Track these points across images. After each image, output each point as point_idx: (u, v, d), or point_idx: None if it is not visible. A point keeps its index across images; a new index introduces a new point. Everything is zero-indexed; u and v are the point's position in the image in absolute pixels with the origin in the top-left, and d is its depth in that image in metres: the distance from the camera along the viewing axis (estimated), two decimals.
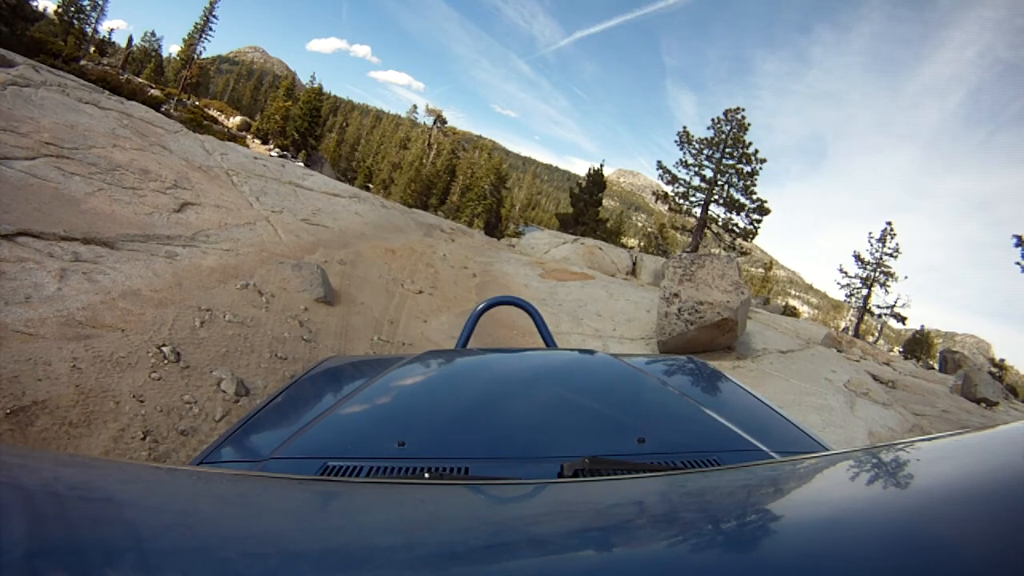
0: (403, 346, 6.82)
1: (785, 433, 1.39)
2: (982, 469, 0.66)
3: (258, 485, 0.77)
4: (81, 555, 0.43)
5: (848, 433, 6.97)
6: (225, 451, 1.20)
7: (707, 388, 1.84)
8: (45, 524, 0.47)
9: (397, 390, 1.57)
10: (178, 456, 3.65)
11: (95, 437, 3.53)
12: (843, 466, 0.77)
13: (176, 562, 0.44)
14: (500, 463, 1.08)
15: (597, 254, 19.39)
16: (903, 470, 0.72)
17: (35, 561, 0.41)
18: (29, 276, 4.73)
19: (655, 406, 1.52)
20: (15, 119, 7.49)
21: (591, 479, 0.91)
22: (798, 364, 9.99)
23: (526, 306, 2.86)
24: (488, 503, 0.71)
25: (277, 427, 1.35)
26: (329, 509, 0.66)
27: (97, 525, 0.50)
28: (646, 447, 1.18)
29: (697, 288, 8.87)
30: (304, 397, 1.58)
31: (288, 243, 8.60)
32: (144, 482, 0.72)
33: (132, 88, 27.93)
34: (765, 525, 0.56)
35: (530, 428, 1.29)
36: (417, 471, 1.02)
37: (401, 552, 0.49)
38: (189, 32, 46.47)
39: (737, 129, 29.84)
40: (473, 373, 1.81)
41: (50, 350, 4.01)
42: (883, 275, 36.24)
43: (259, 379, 4.76)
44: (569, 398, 1.50)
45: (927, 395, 12.21)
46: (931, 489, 0.61)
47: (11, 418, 3.38)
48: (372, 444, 1.19)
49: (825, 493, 0.68)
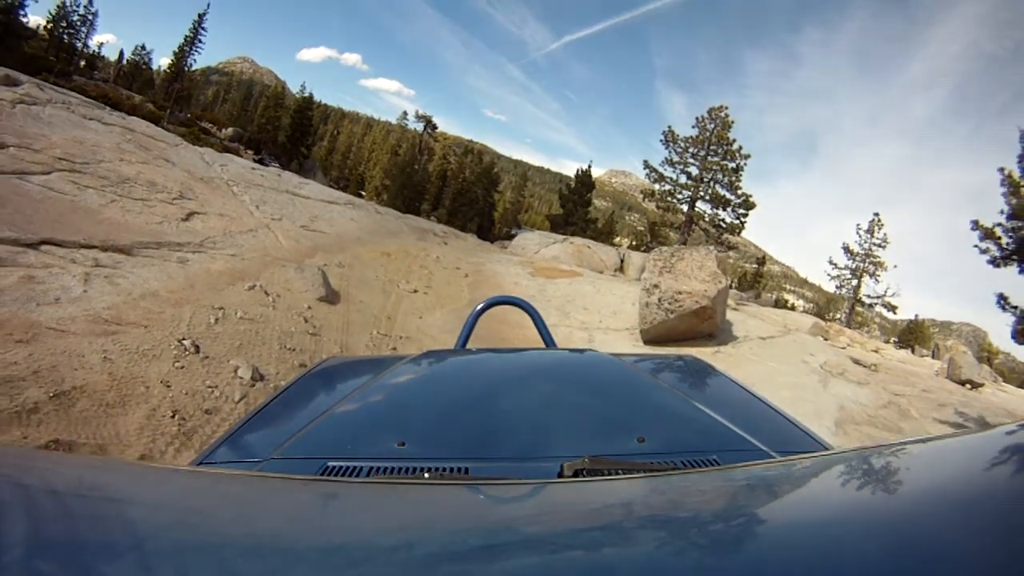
0: (400, 339, 7.31)
1: (785, 432, 1.39)
2: (983, 469, 0.67)
3: (258, 485, 0.79)
4: (81, 555, 0.44)
5: (817, 407, 7.50)
6: (225, 451, 1.21)
7: (707, 387, 1.86)
8: (45, 524, 0.48)
9: (397, 390, 1.59)
10: (204, 430, 4.13)
11: (130, 416, 3.99)
12: (843, 466, 0.77)
13: (176, 562, 0.45)
14: (500, 463, 1.08)
15: (586, 252, 19.95)
16: (904, 470, 0.73)
17: (35, 561, 0.42)
18: (56, 280, 5.21)
19: (655, 405, 1.51)
20: (28, 136, 7.96)
21: (591, 479, 0.91)
22: (777, 349, 10.51)
23: (525, 306, 2.82)
24: (488, 503, 0.72)
25: (277, 427, 1.36)
26: (329, 509, 0.67)
27: (97, 525, 0.51)
28: (646, 447, 1.18)
29: (676, 279, 9.40)
30: (304, 397, 1.59)
31: (289, 248, 9.10)
32: (144, 482, 0.73)
33: (132, 104, 28.30)
34: (766, 525, 0.57)
35: (530, 428, 1.29)
36: (417, 471, 1.03)
37: (401, 552, 0.50)
38: (179, 45, 46.92)
39: (721, 127, 30.50)
40: (473, 373, 1.82)
41: (82, 344, 4.47)
42: (872, 266, 36.54)
43: (271, 367, 5.25)
44: (569, 398, 1.52)
45: (910, 377, 12.74)
46: (932, 489, 0.62)
47: (54, 400, 3.84)
48: (372, 444, 1.19)
49: (825, 493, 0.68)
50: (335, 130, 71.05)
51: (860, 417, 7.91)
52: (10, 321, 4.40)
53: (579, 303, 11.18)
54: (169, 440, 3.91)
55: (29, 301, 4.75)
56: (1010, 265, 8.04)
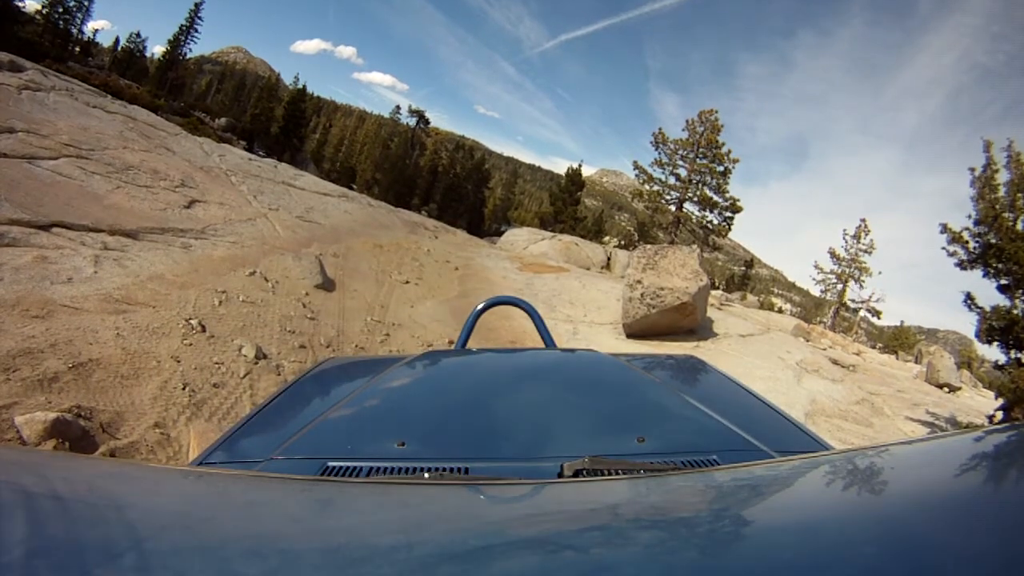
0: (393, 326, 7.63)
1: (785, 432, 1.39)
2: (984, 469, 0.68)
3: (258, 485, 0.79)
4: (81, 555, 0.44)
5: (789, 399, 7.91)
6: (225, 451, 1.21)
7: (707, 387, 1.86)
8: (45, 524, 0.48)
9: (397, 390, 1.59)
10: (212, 402, 4.44)
11: (143, 387, 4.29)
12: (843, 466, 0.77)
13: (176, 562, 0.45)
14: (500, 463, 1.08)
15: (573, 249, 20.32)
16: (904, 470, 0.73)
17: (35, 561, 0.42)
18: (68, 261, 5.49)
19: (654, 405, 1.51)
20: (35, 122, 8.20)
21: (591, 479, 0.92)
22: (755, 346, 10.94)
23: (525, 306, 2.80)
24: (488, 503, 0.72)
25: (277, 427, 1.35)
26: (329, 509, 0.68)
27: (97, 525, 0.52)
28: (646, 447, 1.18)
29: (659, 275, 9.78)
30: (304, 397, 1.59)
31: (286, 238, 9.40)
32: (144, 482, 0.74)
33: (133, 93, 28.29)
34: (765, 525, 0.57)
35: (530, 428, 1.30)
36: (417, 471, 1.02)
37: (401, 552, 0.50)
38: (174, 33, 46.84)
39: (710, 130, 30.91)
40: (472, 373, 1.82)
41: (95, 321, 4.76)
42: (857, 271, 36.85)
43: (273, 347, 5.57)
44: (568, 398, 1.52)
45: (887, 378, 13.25)
46: (932, 489, 0.62)
47: (73, 371, 4.12)
48: (372, 444, 1.19)
49: (825, 493, 0.69)
50: (328, 122, 70.94)
51: (832, 411, 8.32)
52: (26, 298, 4.67)
53: (565, 297, 11.56)
54: (180, 410, 4.21)
55: (43, 280, 5.02)
56: (976, 268, 8.41)
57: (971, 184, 8.41)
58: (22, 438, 3.33)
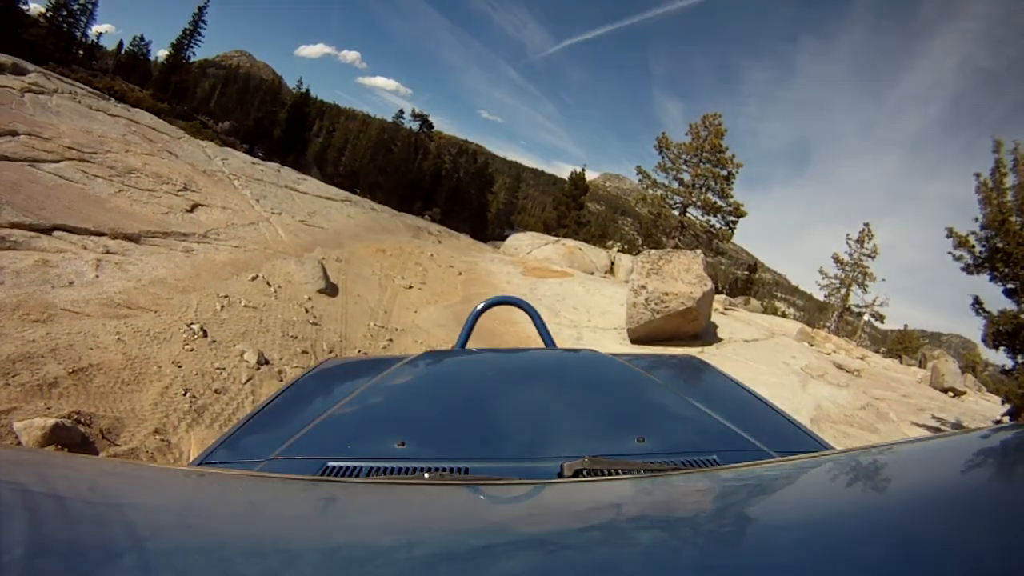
0: (396, 331, 7.59)
1: (785, 432, 1.39)
2: (984, 469, 0.68)
3: (258, 485, 0.79)
4: (81, 555, 0.44)
5: (794, 404, 7.84)
6: (225, 451, 1.20)
7: (707, 387, 1.85)
8: (45, 524, 0.48)
9: (397, 390, 1.59)
10: (214, 408, 4.39)
11: (144, 392, 4.25)
12: (843, 466, 0.77)
13: (176, 562, 0.45)
14: (500, 463, 1.08)
15: (577, 254, 20.26)
16: (904, 469, 0.73)
17: (35, 561, 0.42)
18: (70, 265, 5.46)
19: (654, 405, 1.51)
20: (38, 125, 8.19)
21: (591, 479, 0.92)
22: (759, 351, 10.87)
23: (525, 306, 2.78)
24: (488, 503, 0.72)
25: (277, 427, 1.35)
26: (329, 509, 0.68)
27: (97, 525, 0.52)
28: (646, 447, 1.18)
29: (663, 280, 9.73)
30: (304, 397, 1.59)
31: (288, 242, 9.37)
32: (145, 482, 0.74)
33: (136, 97, 28.41)
34: (765, 525, 0.58)
35: (530, 428, 1.29)
36: (417, 471, 1.03)
37: (401, 552, 0.50)
38: (177, 37, 47.01)
39: (714, 135, 30.80)
40: (472, 373, 1.82)
41: (96, 325, 4.72)
42: (861, 275, 36.75)
43: (275, 353, 5.52)
44: (568, 398, 1.52)
45: (892, 383, 13.15)
46: (932, 488, 0.62)
47: (73, 376, 4.08)
48: (372, 444, 1.19)
49: (825, 493, 0.69)
50: (331, 126, 71.06)
51: (837, 416, 8.25)
52: (27, 302, 4.64)
53: (569, 302, 11.50)
54: (181, 416, 4.17)
55: (45, 283, 4.99)
56: (983, 273, 8.35)
57: (976, 190, 8.35)
58: (20, 444, 3.29)
